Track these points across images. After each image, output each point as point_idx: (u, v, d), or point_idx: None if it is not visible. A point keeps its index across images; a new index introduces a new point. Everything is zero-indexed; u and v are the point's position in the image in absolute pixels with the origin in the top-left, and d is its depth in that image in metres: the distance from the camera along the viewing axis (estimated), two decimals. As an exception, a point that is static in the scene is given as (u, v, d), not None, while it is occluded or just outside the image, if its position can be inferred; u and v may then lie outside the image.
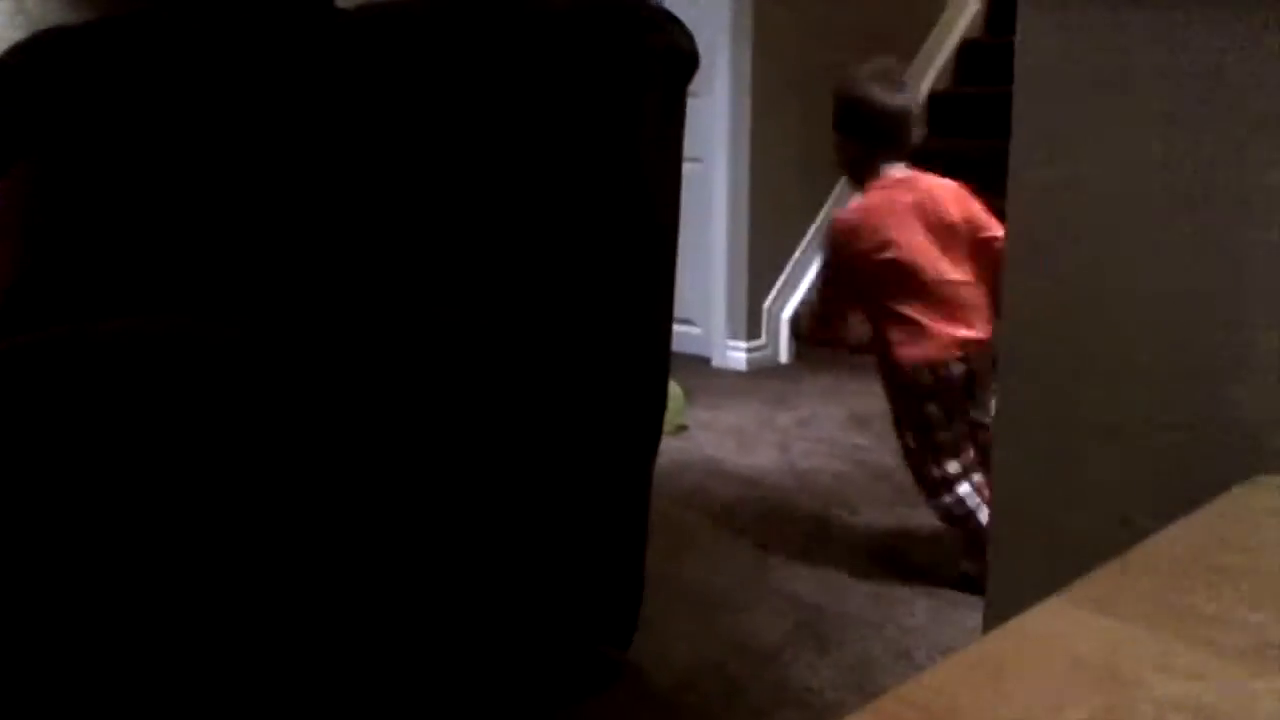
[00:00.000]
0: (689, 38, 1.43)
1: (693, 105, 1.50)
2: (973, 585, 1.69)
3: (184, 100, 1.71)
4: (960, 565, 1.79)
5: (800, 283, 3.68)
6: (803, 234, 3.69)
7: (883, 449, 2.46)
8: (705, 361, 3.59)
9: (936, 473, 1.80)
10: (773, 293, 3.63)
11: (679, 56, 1.43)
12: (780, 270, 3.65)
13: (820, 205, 3.70)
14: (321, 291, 1.35)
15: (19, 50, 2.20)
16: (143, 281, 1.53)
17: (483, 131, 1.38)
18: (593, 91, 1.37)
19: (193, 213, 1.59)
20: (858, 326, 1.93)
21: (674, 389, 2.47)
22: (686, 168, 1.51)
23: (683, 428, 2.74)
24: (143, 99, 1.77)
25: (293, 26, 1.67)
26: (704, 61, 1.52)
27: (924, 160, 1.92)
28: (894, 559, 1.92)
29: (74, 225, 1.63)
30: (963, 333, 1.78)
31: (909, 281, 1.80)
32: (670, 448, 2.48)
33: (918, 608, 1.72)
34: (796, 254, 3.68)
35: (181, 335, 0.88)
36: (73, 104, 1.87)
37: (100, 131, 1.78)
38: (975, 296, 1.81)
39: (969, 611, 1.67)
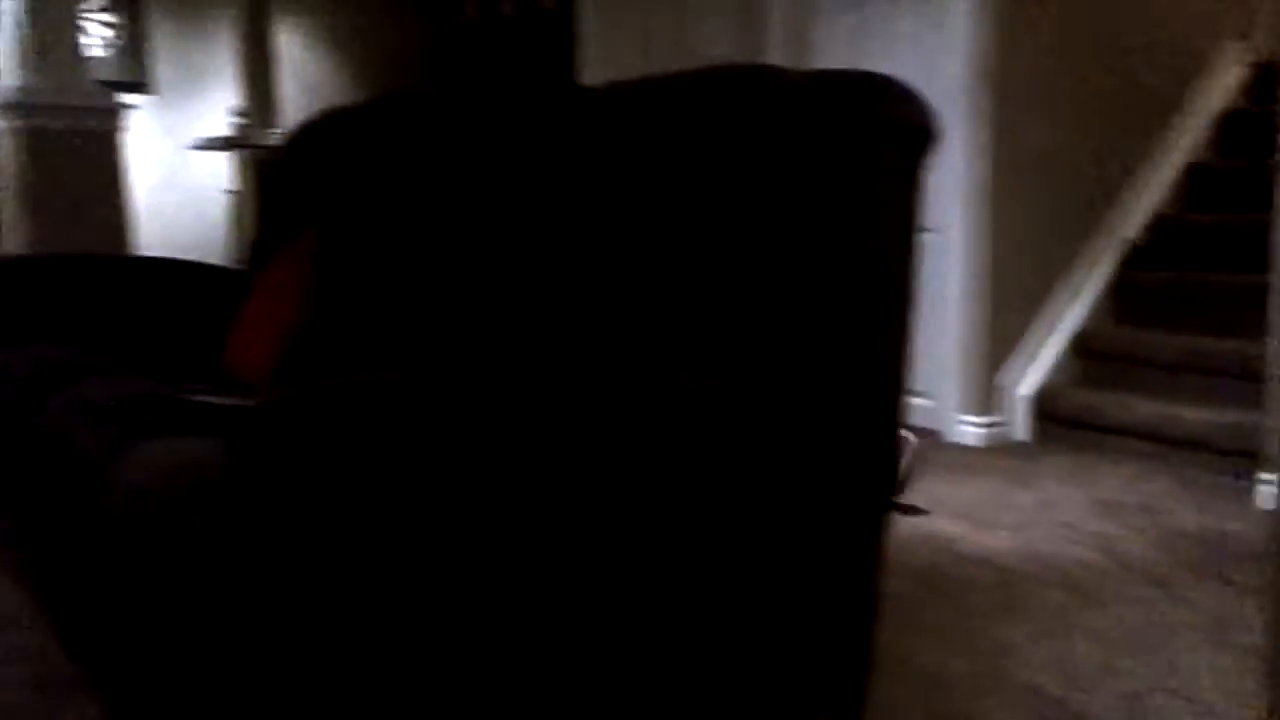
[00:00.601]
0: (927, 111, 1.43)
1: (931, 177, 1.48)
2: None
3: (445, 172, 1.86)
4: None
5: (1037, 357, 3.52)
6: (1038, 308, 3.54)
7: (1134, 538, 2.29)
8: (937, 435, 3.49)
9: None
10: (1008, 367, 3.49)
11: (915, 129, 1.42)
12: (1016, 345, 3.51)
13: (1055, 279, 3.55)
14: (564, 350, 1.42)
15: (306, 128, 2.47)
16: (408, 333, 1.66)
17: (718, 204, 1.42)
18: (827, 161, 1.38)
19: (451, 275, 1.72)
20: None
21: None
22: (923, 238, 1.48)
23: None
24: (409, 172, 1.94)
25: (542, 106, 1.79)
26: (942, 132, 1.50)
27: (1186, 234, 1.80)
28: (1149, 658, 1.78)
29: (352, 284, 1.79)
30: None
31: None
32: (901, 523, 2.41)
33: (1170, 713, 1.58)
34: (1033, 328, 3.53)
35: (453, 385, 0.95)
36: (350, 176, 2.07)
37: (373, 201, 1.96)
38: None
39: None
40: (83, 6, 3.43)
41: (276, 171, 2.53)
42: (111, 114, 3.39)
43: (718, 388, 1.15)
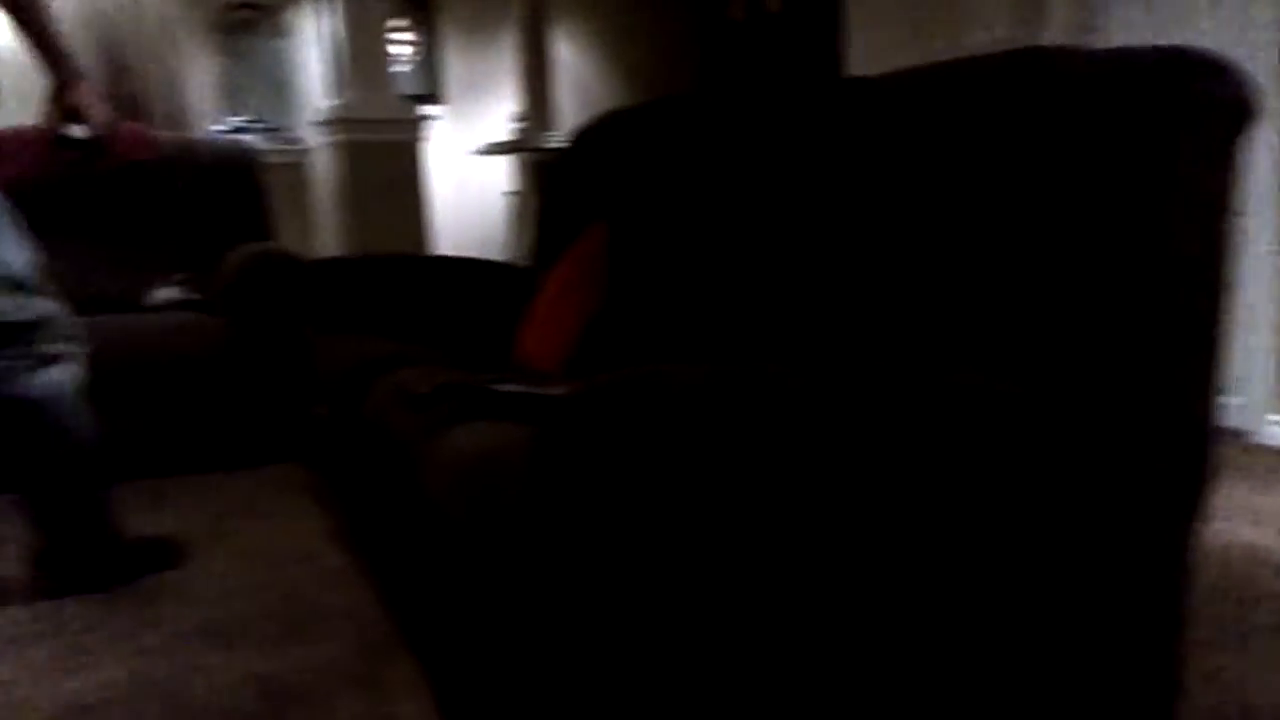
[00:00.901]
0: (1243, 85, 1.31)
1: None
2: None
3: (728, 168, 1.90)
4: None
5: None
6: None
7: None
8: (1247, 436, 3.18)
9: None
10: (1333, 363, 3.13)
11: (1231, 106, 1.31)
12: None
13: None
14: (858, 347, 1.42)
15: (588, 130, 2.60)
16: (696, 325, 1.72)
17: (1009, 198, 1.37)
18: (1130, 149, 1.31)
19: (738, 267, 1.76)
20: None
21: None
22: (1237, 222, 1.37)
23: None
24: (693, 168, 2.00)
25: (820, 100, 1.79)
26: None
27: None
28: None
29: (641, 276, 1.87)
30: None
31: None
32: (1206, 533, 2.22)
33: None
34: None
35: (758, 379, 0.98)
36: (636, 174, 2.16)
37: (659, 197, 2.04)
38: None
39: None
40: (388, 26, 3.77)
41: (559, 173, 2.67)
42: (415, 125, 3.72)
43: (1028, 394, 1.11)
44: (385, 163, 3.65)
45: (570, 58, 6.88)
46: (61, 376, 1.94)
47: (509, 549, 1.23)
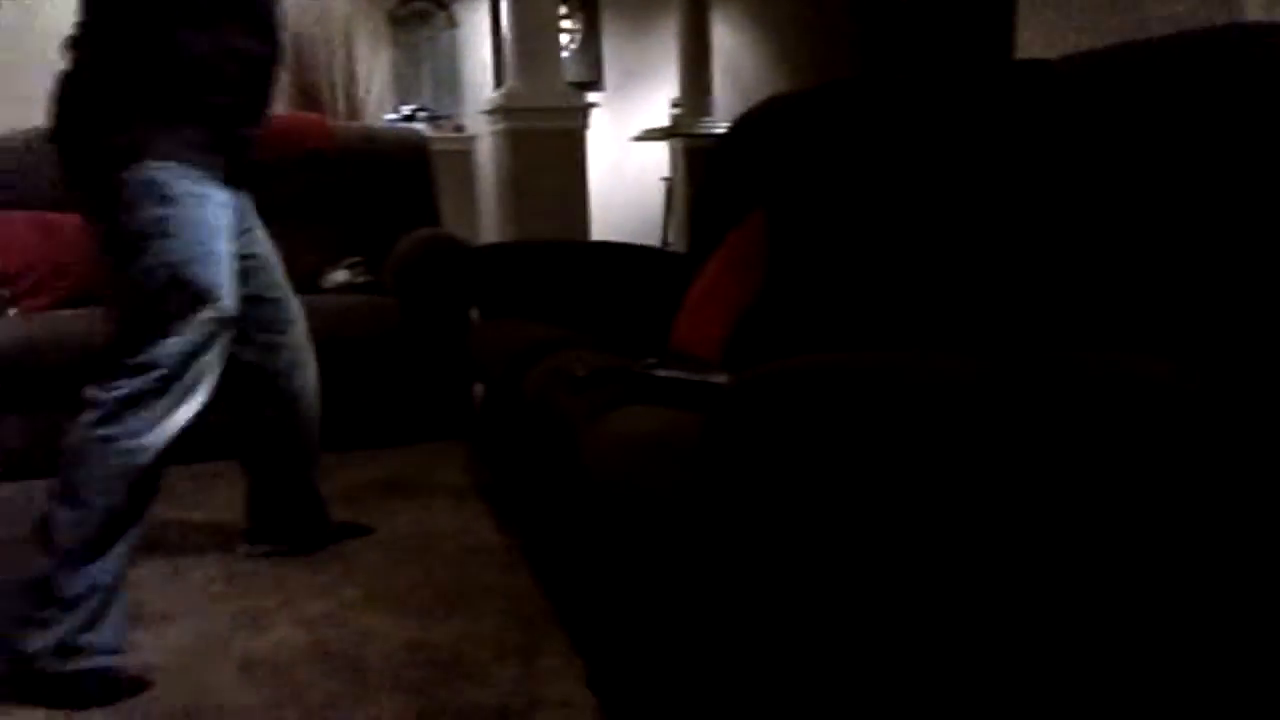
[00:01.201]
0: None
1: None
2: None
3: (895, 154, 1.86)
4: None
5: None
6: None
7: None
8: None
9: None
10: None
11: None
12: None
13: None
14: (1024, 337, 1.37)
15: (750, 116, 2.58)
16: (859, 312, 1.69)
17: (1205, 181, 1.29)
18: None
19: (904, 252, 1.72)
20: None
21: None
22: None
23: None
24: (858, 154, 1.96)
25: (990, 82, 1.73)
26: None
27: None
28: None
29: (798, 262, 1.85)
30: None
31: None
32: None
33: None
34: None
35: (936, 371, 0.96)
36: (799, 160, 2.13)
37: (820, 183, 2.01)
38: None
39: None
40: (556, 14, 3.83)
41: (719, 159, 2.67)
42: (579, 114, 3.78)
43: (1220, 388, 1.05)
44: (549, 150, 3.72)
45: (728, 42, 6.84)
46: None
47: (670, 532, 1.24)
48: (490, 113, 3.78)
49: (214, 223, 1.73)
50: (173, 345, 1.67)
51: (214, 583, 2.06)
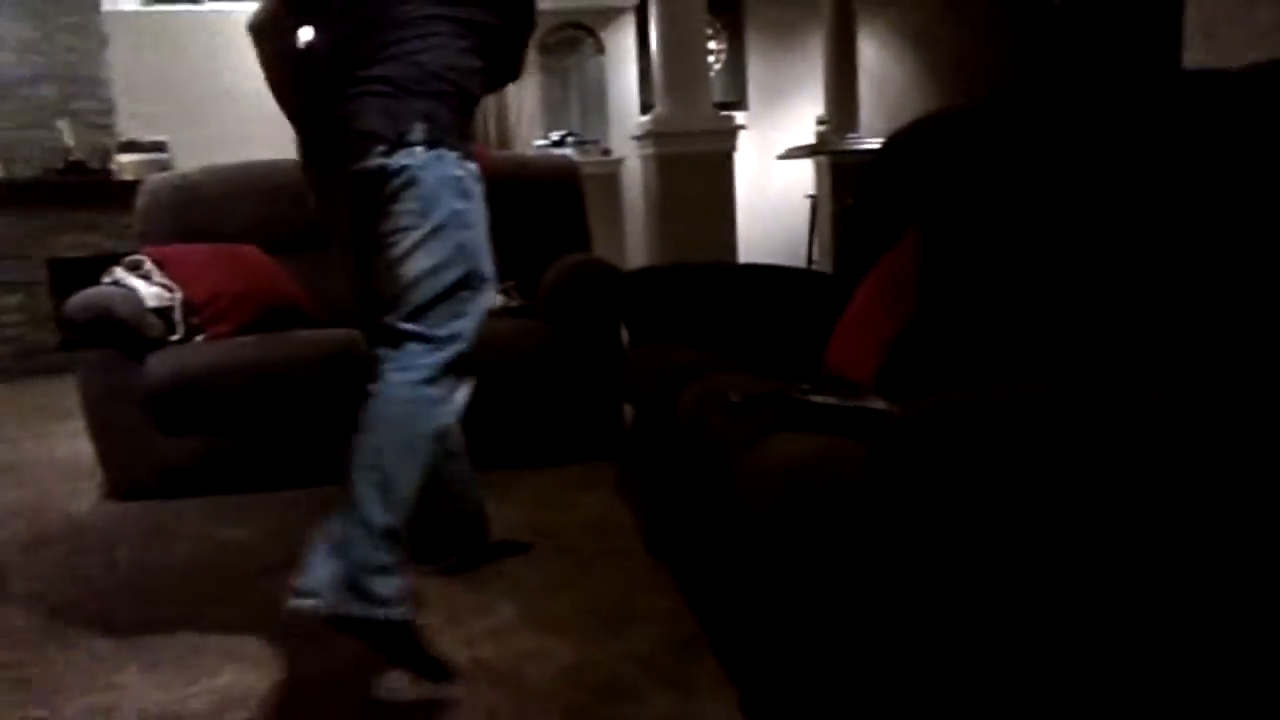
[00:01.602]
0: None
1: None
2: None
3: (1055, 169, 1.79)
4: None
5: None
6: None
7: None
8: None
9: None
10: None
11: None
12: None
13: None
14: (1208, 367, 1.30)
15: (905, 132, 2.54)
16: (1020, 339, 1.64)
17: None
18: None
19: (1066, 277, 1.66)
20: None
21: None
22: None
23: None
24: (1021, 174, 1.90)
25: (1163, 94, 1.65)
26: None
27: None
28: None
29: (955, 285, 1.80)
30: None
31: None
32: None
33: None
34: None
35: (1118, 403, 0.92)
36: (959, 180, 2.09)
37: (978, 203, 1.96)
38: None
39: None
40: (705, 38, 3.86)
41: (872, 178, 2.63)
42: (727, 137, 3.80)
43: None
44: (697, 174, 3.75)
45: (875, 59, 6.75)
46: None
47: (830, 561, 1.22)
48: (639, 138, 3.84)
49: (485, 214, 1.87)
50: (467, 324, 1.80)
51: (380, 598, 2.14)
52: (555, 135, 5.83)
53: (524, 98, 5.87)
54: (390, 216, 1.76)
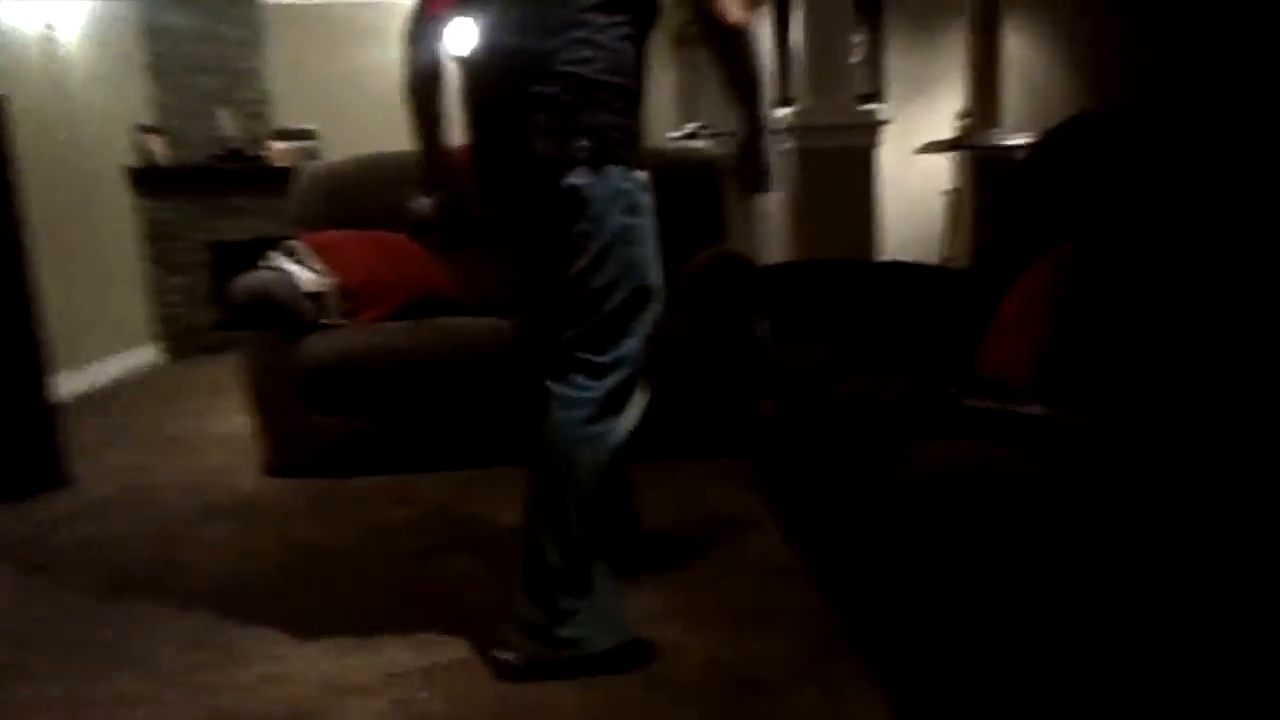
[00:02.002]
0: None
1: None
2: None
3: (1217, 183, 1.72)
4: None
5: None
6: None
7: None
8: None
9: None
10: None
11: None
12: None
13: None
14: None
15: (1057, 133, 2.46)
16: (1167, 351, 1.58)
17: None
18: None
19: (1217, 292, 1.59)
20: None
21: None
22: None
23: None
24: (1178, 181, 1.83)
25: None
26: None
27: None
28: None
29: (1108, 291, 1.75)
30: None
31: None
32: None
33: None
34: None
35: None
36: (1112, 184, 2.01)
37: (1136, 211, 1.89)
38: None
39: None
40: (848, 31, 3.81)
41: (1025, 176, 2.56)
42: (870, 130, 3.74)
43: None
44: (838, 168, 3.71)
45: (1020, 51, 6.53)
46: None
47: (994, 564, 1.21)
48: (779, 132, 3.81)
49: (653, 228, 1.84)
50: (634, 345, 1.81)
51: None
52: (689, 127, 5.83)
53: (658, 90, 5.90)
54: (558, 237, 1.76)
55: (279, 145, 5.87)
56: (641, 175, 1.81)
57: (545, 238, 1.80)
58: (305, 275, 3.20)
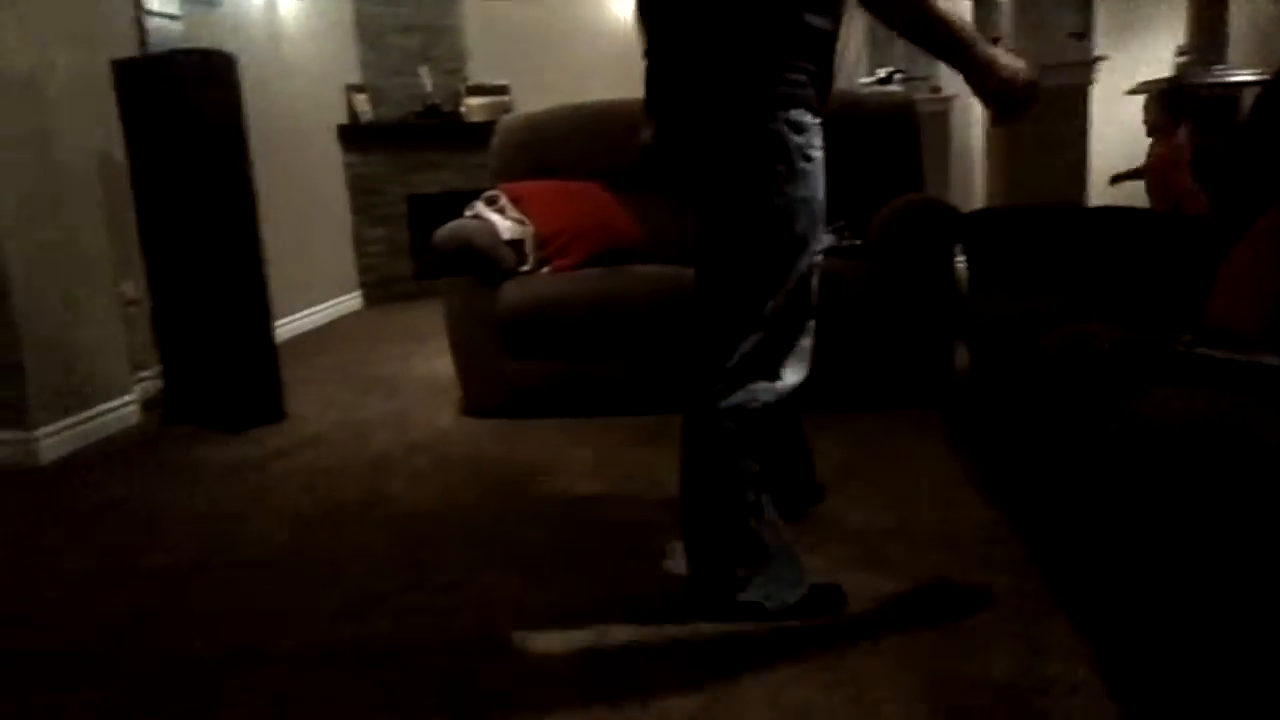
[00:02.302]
0: None
1: None
2: None
3: None
4: None
5: None
6: None
7: None
8: None
9: None
10: None
11: None
12: None
13: None
14: None
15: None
16: None
17: None
18: None
19: None
20: None
21: None
22: None
23: None
24: None
25: None
26: None
27: None
28: None
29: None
30: None
31: None
32: None
33: None
34: None
35: None
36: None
37: None
38: None
39: None
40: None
41: (1259, 115, 2.35)
42: (1082, 68, 3.52)
43: None
44: (1047, 110, 3.51)
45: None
46: None
47: (1228, 524, 1.13)
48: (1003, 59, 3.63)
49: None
50: (790, 299, 1.73)
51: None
52: (882, 72, 5.65)
53: (850, 34, 5.74)
54: (729, 194, 1.71)
55: (474, 101, 6.04)
56: (811, 120, 1.71)
57: (715, 197, 1.74)
58: (505, 224, 3.29)
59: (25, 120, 2.98)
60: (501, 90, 6.08)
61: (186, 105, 3.13)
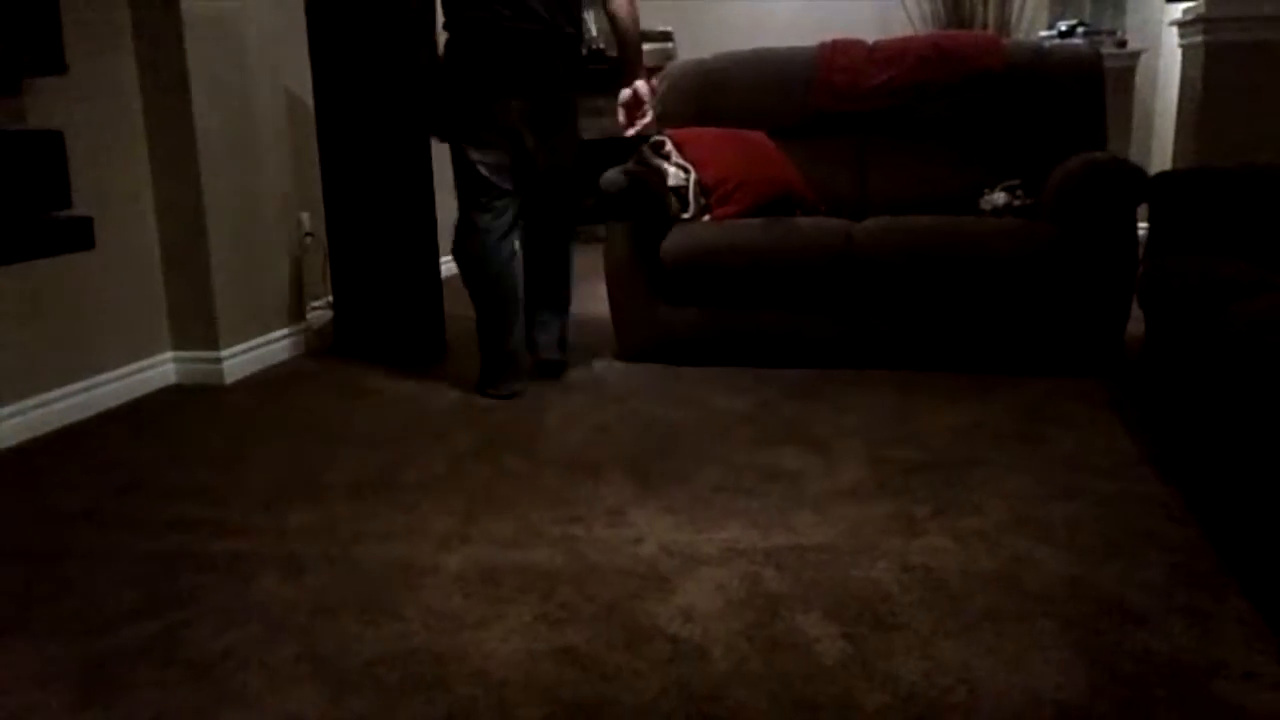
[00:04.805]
0: None
1: None
2: None
3: None
4: None
5: None
6: None
7: None
8: None
9: None
10: None
11: None
12: None
13: None
14: None
15: None
16: None
17: None
18: None
19: None
20: None
21: None
22: None
23: None
24: None
25: None
26: None
27: None
28: None
29: None
30: None
31: None
32: None
33: None
34: None
35: None
36: None
37: None
38: None
39: None
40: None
41: None
42: (1291, 22, 3.27)
43: None
44: (1253, 66, 3.27)
45: None
46: None
47: None
48: (1183, 24, 3.41)
49: None
50: None
51: (865, 484, 2.20)
52: (1063, 25, 5.35)
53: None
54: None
55: (639, 47, 6.02)
56: None
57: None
58: (671, 170, 3.30)
59: (230, 62, 3.17)
60: (666, 37, 6.04)
61: (373, 42, 3.25)
